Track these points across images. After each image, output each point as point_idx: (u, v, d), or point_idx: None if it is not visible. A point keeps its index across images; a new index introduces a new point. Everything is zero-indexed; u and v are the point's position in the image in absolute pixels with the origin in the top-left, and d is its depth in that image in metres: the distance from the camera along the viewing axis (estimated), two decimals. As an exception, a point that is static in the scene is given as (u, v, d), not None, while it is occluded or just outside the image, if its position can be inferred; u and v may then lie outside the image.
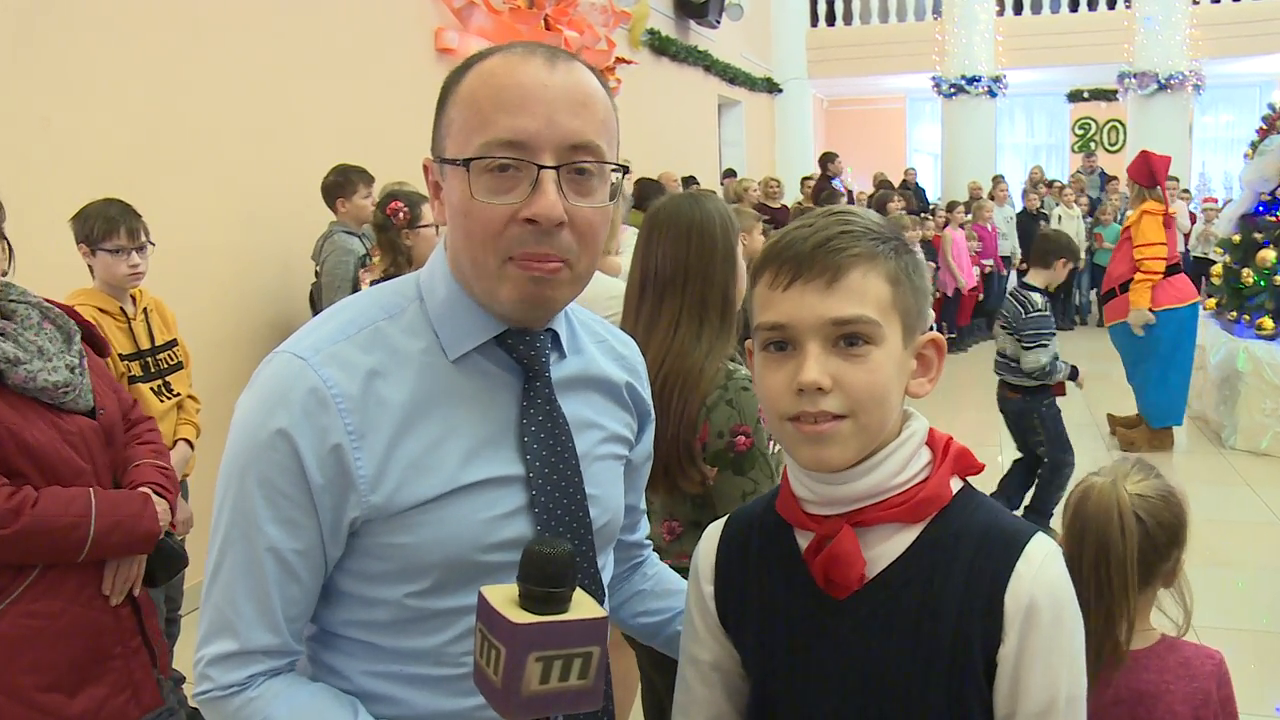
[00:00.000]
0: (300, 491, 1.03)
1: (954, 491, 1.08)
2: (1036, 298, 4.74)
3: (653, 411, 1.35)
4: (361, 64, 5.60)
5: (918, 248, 3.92)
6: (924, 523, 1.06)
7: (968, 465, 1.10)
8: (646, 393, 1.32)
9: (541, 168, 1.02)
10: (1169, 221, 6.17)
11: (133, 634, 2.16)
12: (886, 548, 1.05)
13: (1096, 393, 7.23)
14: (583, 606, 0.91)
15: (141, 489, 2.19)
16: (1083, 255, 11.61)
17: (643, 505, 1.42)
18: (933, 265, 9.59)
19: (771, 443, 2.02)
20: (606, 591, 1.22)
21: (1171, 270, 6.19)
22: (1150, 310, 6.14)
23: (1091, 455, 6.44)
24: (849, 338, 1.01)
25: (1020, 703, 1.01)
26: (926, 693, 1.02)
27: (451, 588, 1.07)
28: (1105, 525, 1.53)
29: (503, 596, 0.91)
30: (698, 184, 10.19)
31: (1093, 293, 12.05)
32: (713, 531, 1.22)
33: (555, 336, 1.17)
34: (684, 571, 2.00)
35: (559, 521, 1.11)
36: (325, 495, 1.03)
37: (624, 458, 1.26)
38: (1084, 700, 1.04)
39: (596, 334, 1.27)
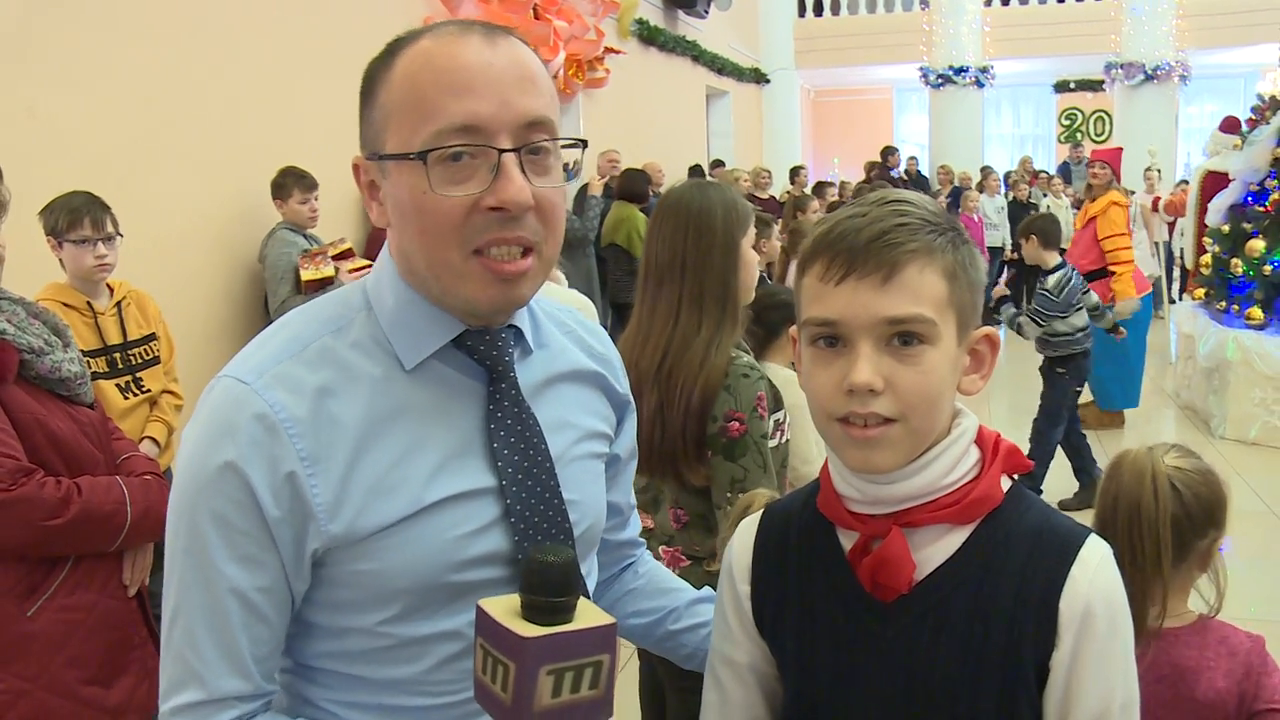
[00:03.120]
0: (257, 526, 0.96)
1: (1004, 491, 1.04)
2: (1051, 279, 5.18)
3: (632, 402, 1.28)
4: (348, 53, 5.51)
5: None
6: (974, 524, 1.02)
7: (1017, 463, 1.06)
8: (622, 384, 1.25)
9: (502, 151, 0.96)
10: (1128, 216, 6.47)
11: (142, 624, 2.18)
12: (935, 549, 1.01)
13: None
14: (589, 614, 0.87)
15: (145, 477, 2.19)
16: (1069, 245, 11.64)
17: (632, 501, 1.36)
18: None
19: (779, 434, 2.00)
20: (592, 598, 1.16)
21: None
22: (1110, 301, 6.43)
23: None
24: (903, 336, 0.97)
25: (1073, 710, 0.98)
26: (976, 699, 0.99)
27: (425, 612, 1.01)
28: (1138, 489, 1.51)
29: (504, 608, 0.86)
30: (704, 173, 10.21)
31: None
32: (747, 528, 1.17)
33: (518, 333, 1.09)
34: (696, 559, 2.04)
35: (537, 530, 1.04)
36: (284, 528, 0.96)
37: (603, 455, 1.20)
38: (1137, 705, 1.01)
39: (564, 324, 1.20)
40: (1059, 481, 5.32)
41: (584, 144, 1.08)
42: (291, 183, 4.57)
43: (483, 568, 1.02)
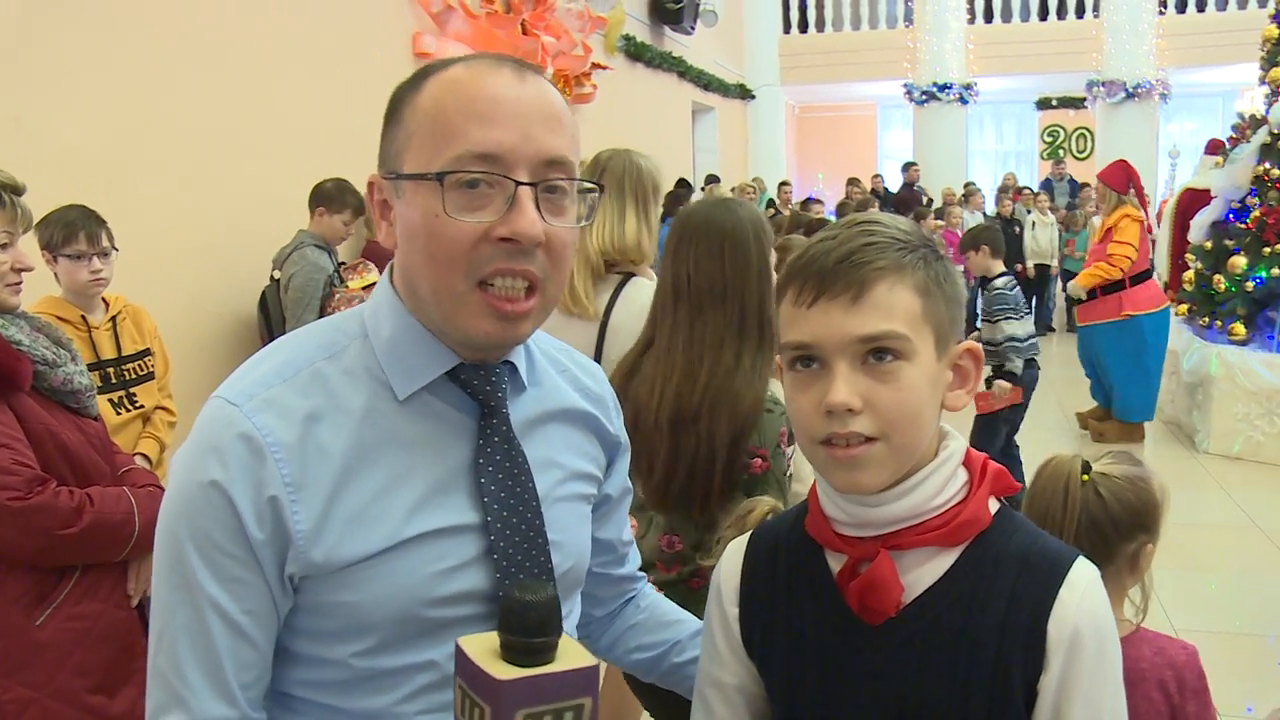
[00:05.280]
0: (242, 548, 0.96)
1: (992, 514, 1.04)
2: (1000, 280, 5.16)
3: (624, 442, 1.27)
4: (339, 68, 5.55)
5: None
6: (962, 546, 1.02)
7: (1005, 486, 1.06)
8: (615, 424, 1.24)
9: (519, 184, 0.97)
10: (1146, 229, 6.60)
11: (143, 634, 2.20)
12: (923, 572, 1.01)
13: (1068, 394, 7.34)
14: (570, 654, 0.84)
15: (148, 489, 2.21)
16: (1055, 262, 11.74)
17: (627, 537, 1.34)
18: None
19: (788, 465, 1.98)
20: (577, 637, 1.16)
21: (1143, 276, 6.53)
22: (1129, 315, 6.50)
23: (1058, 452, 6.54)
24: (878, 353, 0.97)
25: None
26: None
27: (398, 646, 1.00)
28: (1050, 494, 1.54)
29: (482, 647, 0.84)
30: (718, 181, 10.28)
31: (1063, 297, 12.17)
32: (735, 550, 1.17)
33: (513, 368, 1.09)
34: (675, 584, 2.00)
35: (520, 569, 1.03)
36: (267, 550, 0.96)
37: (589, 497, 1.18)
38: None
39: (559, 363, 1.19)
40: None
41: (601, 188, 1.08)
42: (348, 200, 4.48)
43: (460, 605, 1.02)
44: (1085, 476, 1.57)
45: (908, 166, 13.62)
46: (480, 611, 1.03)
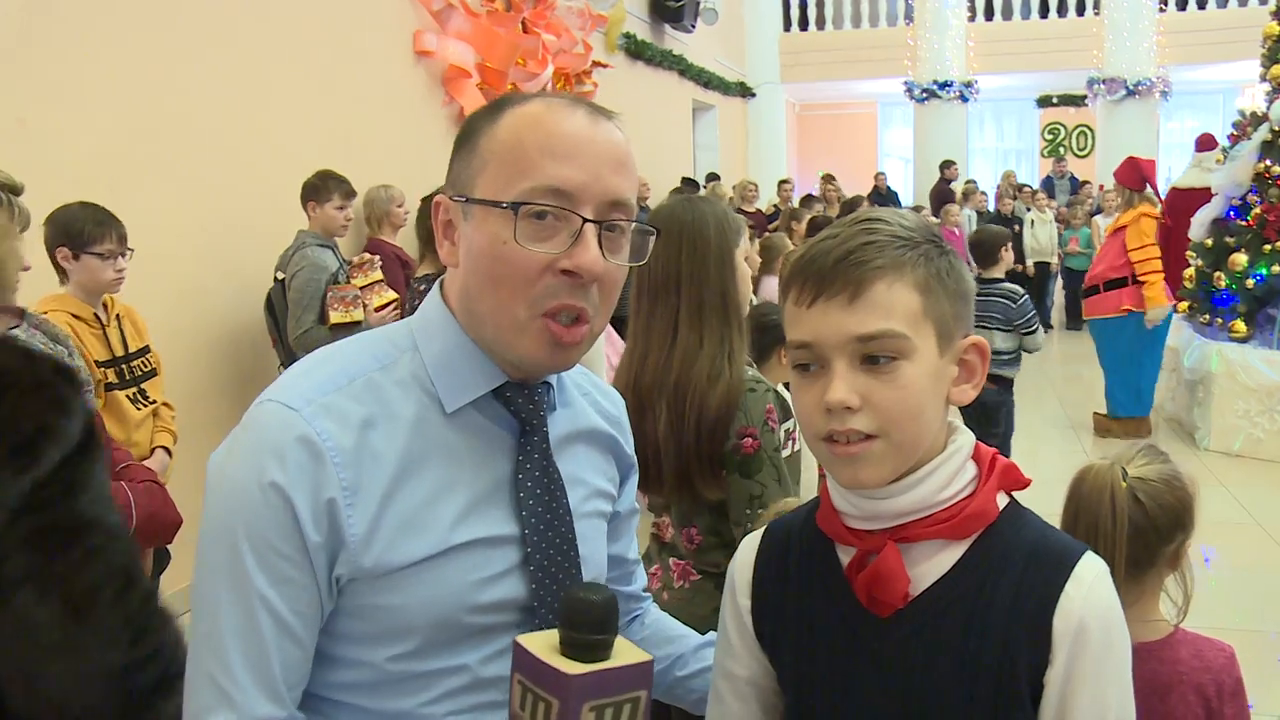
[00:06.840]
0: (297, 550, 0.98)
1: (1000, 508, 1.05)
2: (1013, 287, 4.98)
3: (635, 463, 1.32)
4: (340, 67, 5.55)
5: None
6: (970, 539, 1.03)
7: (1013, 480, 1.07)
8: (629, 445, 1.30)
9: (585, 220, 1.02)
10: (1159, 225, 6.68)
11: None
12: (931, 565, 1.02)
13: (1069, 393, 7.34)
14: (626, 651, 0.89)
15: (146, 484, 2.21)
16: (1055, 260, 11.74)
17: (635, 555, 1.38)
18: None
19: (790, 444, 2.01)
20: None
21: None
22: (1129, 310, 6.56)
23: (1066, 453, 6.54)
24: (876, 352, 0.98)
25: None
26: (971, 714, 0.99)
27: (435, 650, 1.04)
28: (1097, 505, 1.52)
29: (543, 644, 0.88)
30: (697, 187, 10.29)
31: (1063, 295, 12.18)
32: (750, 544, 1.19)
33: (549, 389, 1.14)
34: (707, 574, 2.00)
35: (553, 580, 1.08)
36: (321, 553, 0.99)
37: (606, 514, 1.24)
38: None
39: (581, 386, 1.25)
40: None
41: (657, 232, 1.14)
42: (333, 186, 4.53)
43: (498, 612, 1.06)
44: (1124, 484, 1.54)
45: (948, 164, 13.32)
46: (515, 619, 1.07)
